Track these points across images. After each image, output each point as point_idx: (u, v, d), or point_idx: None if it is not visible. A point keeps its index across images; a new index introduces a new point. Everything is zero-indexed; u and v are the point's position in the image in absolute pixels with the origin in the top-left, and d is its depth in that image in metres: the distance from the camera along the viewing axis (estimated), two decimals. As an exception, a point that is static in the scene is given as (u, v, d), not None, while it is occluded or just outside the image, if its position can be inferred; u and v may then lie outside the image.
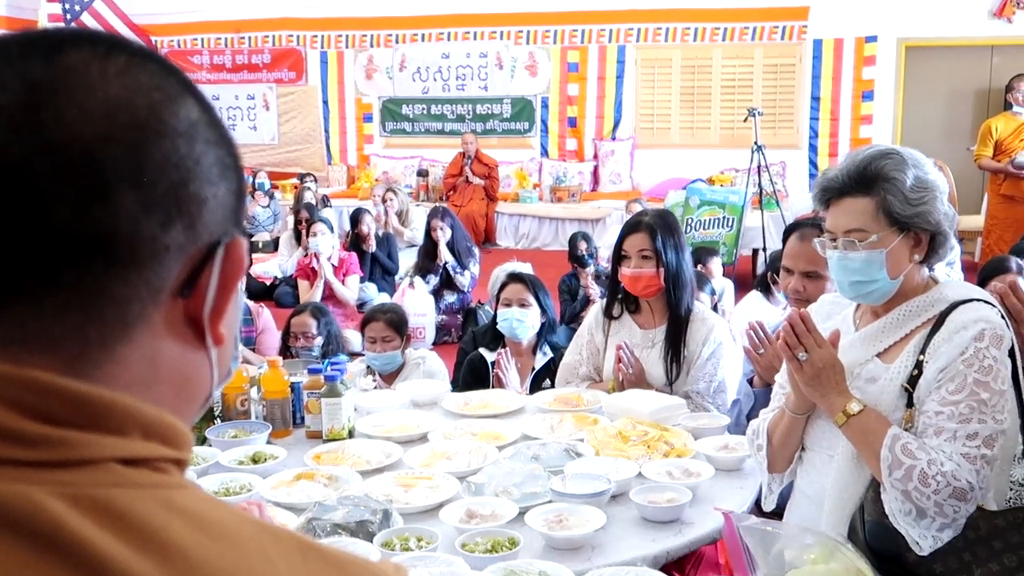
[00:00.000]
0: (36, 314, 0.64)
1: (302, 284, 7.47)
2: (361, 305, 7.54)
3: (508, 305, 3.99)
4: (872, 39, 10.87)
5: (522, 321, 3.95)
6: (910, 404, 2.01)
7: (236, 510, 0.68)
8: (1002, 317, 2.01)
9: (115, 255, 0.65)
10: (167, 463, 0.67)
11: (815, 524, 2.09)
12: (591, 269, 7.24)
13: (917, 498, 1.90)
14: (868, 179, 2.04)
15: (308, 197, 9.66)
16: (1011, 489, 2.09)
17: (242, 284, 0.75)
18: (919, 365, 2.00)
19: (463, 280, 7.40)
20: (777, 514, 2.34)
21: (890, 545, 1.94)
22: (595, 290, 6.55)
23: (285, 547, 0.66)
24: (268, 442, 2.99)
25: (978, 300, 2.03)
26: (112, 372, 0.67)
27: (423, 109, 12.28)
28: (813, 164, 11.18)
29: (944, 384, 1.96)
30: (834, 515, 2.05)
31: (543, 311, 4.03)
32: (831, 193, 2.10)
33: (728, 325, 3.82)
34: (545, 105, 11.93)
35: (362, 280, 7.77)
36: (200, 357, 0.73)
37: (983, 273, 4.59)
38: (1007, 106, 8.32)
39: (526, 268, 5.31)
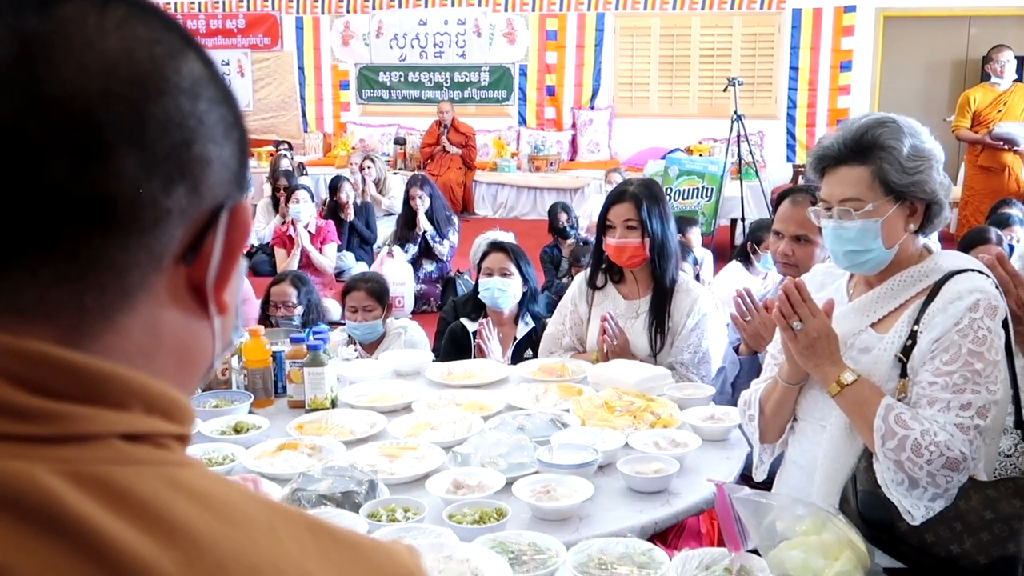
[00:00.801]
0: (32, 282, 0.61)
1: (279, 252, 7.40)
2: (339, 274, 7.49)
3: (490, 274, 3.96)
4: (851, 9, 10.85)
5: (504, 291, 3.93)
6: (904, 374, 2.00)
7: (243, 488, 0.65)
8: (996, 288, 2.00)
9: (114, 219, 0.61)
10: (169, 439, 0.64)
11: (806, 494, 2.09)
12: (570, 241, 7.23)
13: (910, 468, 1.90)
14: (864, 147, 2.02)
15: (285, 165, 9.56)
16: (998, 460, 2.10)
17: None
18: (913, 335, 2.00)
19: (442, 249, 7.36)
20: (767, 484, 2.33)
21: (882, 514, 1.94)
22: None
23: (295, 527, 0.63)
24: (250, 412, 2.96)
25: (973, 270, 2.02)
26: (112, 342, 0.63)
27: (400, 77, 12.16)
28: (791, 134, 11.19)
29: (938, 354, 1.96)
30: (826, 485, 2.05)
31: (525, 280, 4.00)
32: (827, 162, 2.08)
33: (712, 297, 3.81)
34: (523, 73, 11.85)
35: (340, 249, 7.71)
36: (203, 326, 0.70)
37: (963, 244, 4.62)
38: (985, 77, 8.33)
39: (508, 237, 5.27)
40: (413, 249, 7.29)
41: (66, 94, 0.60)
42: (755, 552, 1.93)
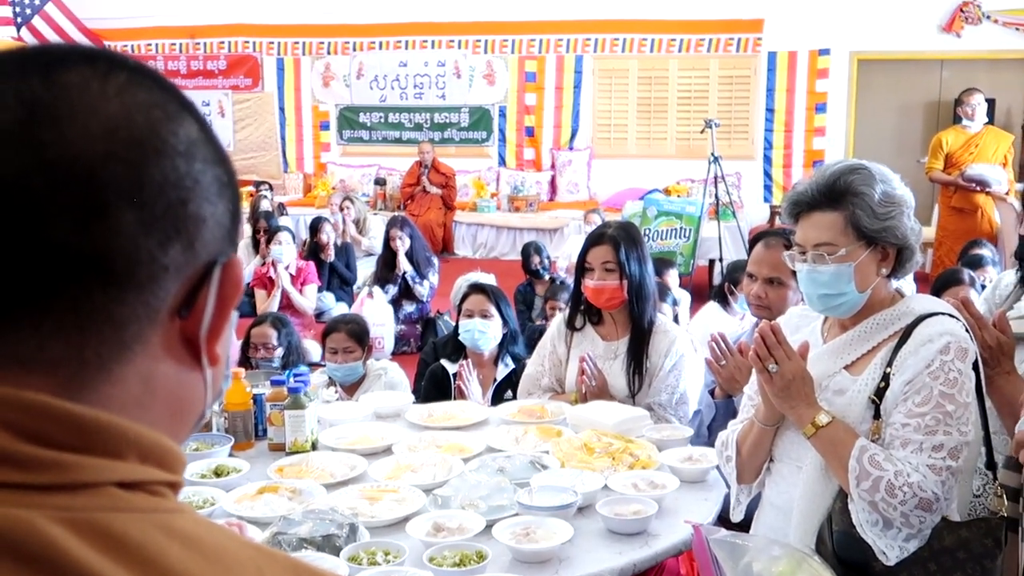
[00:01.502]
0: (33, 334, 0.63)
1: (259, 293, 7.40)
2: (319, 315, 7.49)
3: (470, 316, 3.99)
4: (825, 52, 11.03)
5: (484, 332, 3.95)
6: (877, 416, 2.04)
7: (231, 533, 0.68)
8: (966, 331, 2.04)
9: (114, 275, 0.64)
10: (163, 486, 0.67)
11: (783, 535, 2.11)
12: (544, 279, 7.25)
13: (884, 508, 1.93)
14: (837, 193, 2.06)
15: (265, 205, 9.58)
16: (970, 500, 2.14)
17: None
18: (886, 377, 2.03)
19: (422, 290, 7.39)
20: (745, 525, 2.36)
21: (857, 555, 1.97)
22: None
23: (280, 569, 0.66)
24: (230, 455, 2.96)
25: (943, 314, 2.07)
26: (109, 393, 0.66)
27: (380, 117, 12.25)
28: (768, 175, 11.32)
29: (911, 396, 1.99)
30: (802, 526, 2.07)
31: (505, 322, 4.03)
32: (801, 207, 2.13)
33: (689, 338, 3.85)
34: (503, 114, 11.96)
35: (320, 290, 7.72)
36: (195, 378, 0.72)
37: (936, 285, 4.68)
38: (957, 119, 8.48)
39: (489, 279, 5.31)
40: (393, 290, 7.31)
41: (69, 156, 0.63)
42: (733, 593, 1.95)
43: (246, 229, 9.08)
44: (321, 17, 11.95)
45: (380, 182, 11.52)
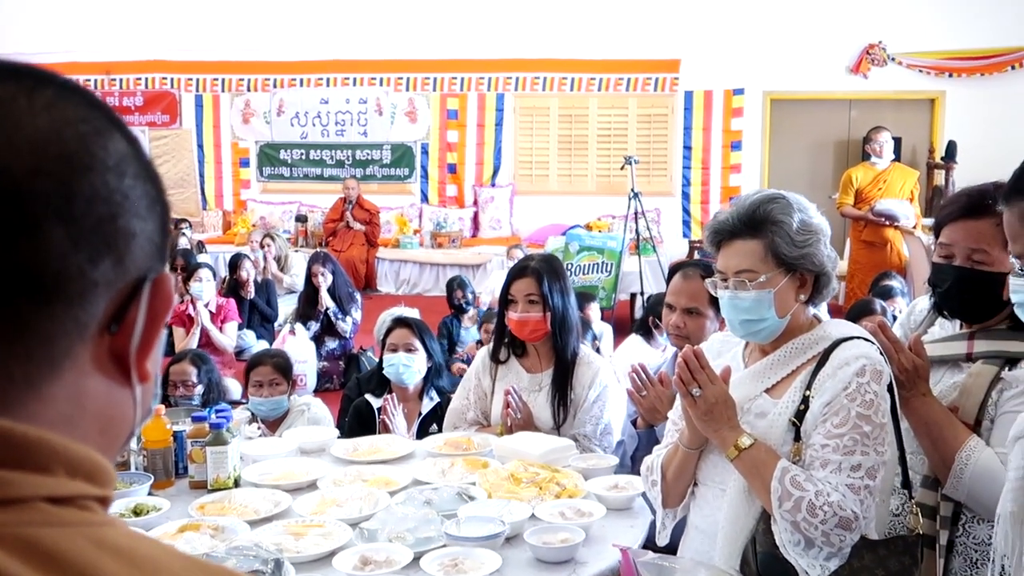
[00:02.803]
0: None
1: (178, 331, 7.26)
2: (239, 353, 7.38)
3: (394, 350, 3.97)
4: (739, 92, 11.33)
5: (408, 366, 3.94)
6: (798, 438, 2.08)
7: (165, 546, 0.67)
8: (880, 354, 2.11)
9: (42, 290, 0.64)
10: (92, 501, 0.66)
11: (708, 557, 2.14)
12: (471, 313, 7.26)
13: (806, 528, 1.97)
14: (757, 222, 2.12)
15: (183, 243, 9.44)
16: (888, 519, 2.19)
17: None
18: (805, 400, 2.08)
19: (345, 326, 7.33)
20: (670, 549, 2.38)
21: (781, 575, 2.00)
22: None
23: None
24: (149, 493, 2.89)
25: (859, 338, 2.13)
26: (36, 410, 0.65)
27: (301, 154, 12.18)
28: (686, 211, 11.53)
29: (829, 418, 2.04)
30: (727, 548, 2.10)
31: (429, 356, 4.02)
32: (722, 235, 2.18)
33: (614, 370, 3.89)
34: (425, 151, 11.99)
35: (240, 327, 7.61)
36: (125, 395, 0.72)
37: (850, 314, 4.82)
38: (865, 156, 8.76)
39: (413, 313, 5.29)
40: (315, 326, 7.24)
41: None
42: (660, 617, 1.97)
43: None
44: (241, 53, 11.87)
45: (301, 219, 11.44)
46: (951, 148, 10.14)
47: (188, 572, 0.65)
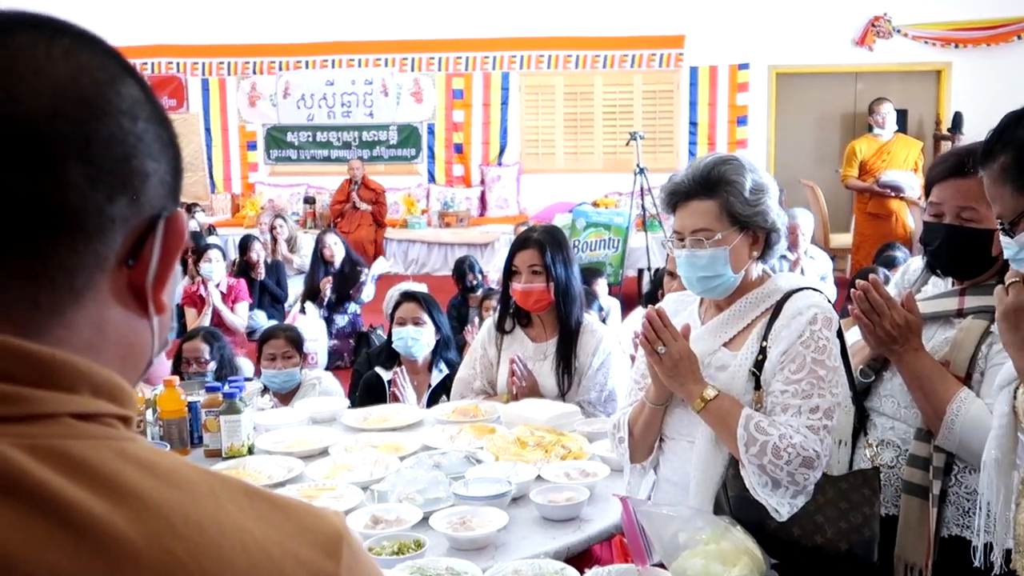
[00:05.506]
0: None
1: (189, 312, 7.34)
2: (250, 333, 7.46)
3: (403, 324, 4.04)
4: (745, 67, 11.32)
5: (417, 339, 4.00)
6: (758, 387, 2.19)
7: (184, 460, 0.73)
8: (829, 302, 2.24)
9: (64, 226, 0.70)
10: (115, 419, 0.72)
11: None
12: (480, 293, 7.32)
13: (772, 470, 2.08)
14: (711, 183, 2.22)
15: (193, 226, 9.51)
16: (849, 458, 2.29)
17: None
18: (763, 350, 2.19)
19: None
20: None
21: (753, 515, 2.11)
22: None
23: (233, 491, 0.71)
24: (165, 462, 2.96)
25: (808, 288, 2.26)
26: (62, 336, 0.71)
27: (308, 136, 12.23)
28: (693, 187, 11.53)
29: (787, 365, 2.15)
30: (700, 495, 2.20)
31: (437, 328, 4.09)
32: (678, 196, 2.28)
33: (618, 340, 3.95)
34: (431, 131, 12.03)
35: (251, 308, 7.68)
36: (143, 325, 0.78)
37: (853, 284, 4.85)
38: (869, 128, 8.77)
39: (421, 288, 5.36)
40: (327, 293, 7.40)
41: (19, 115, 0.69)
42: (661, 566, 2.04)
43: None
44: (246, 37, 11.91)
45: (309, 201, 11.49)
46: (957, 119, 10.14)
47: (207, 483, 0.71)
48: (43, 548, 0.62)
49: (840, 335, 2.21)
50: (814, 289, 2.27)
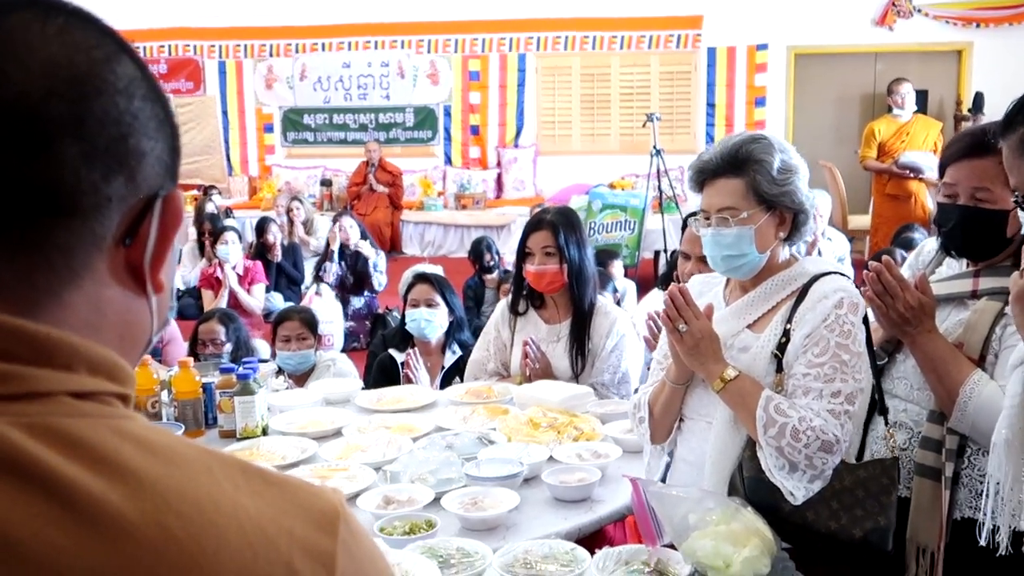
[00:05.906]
0: None
1: (206, 294, 7.38)
2: (267, 315, 7.49)
3: (416, 305, 4.04)
4: (763, 47, 11.24)
5: (430, 321, 4.01)
6: (780, 369, 2.17)
7: (181, 437, 0.74)
8: (856, 287, 2.21)
9: (60, 205, 0.70)
10: (113, 397, 0.72)
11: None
12: (496, 275, 7.33)
13: (790, 453, 2.06)
14: (739, 161, 2.20)
15: (210, 208, 9.54)
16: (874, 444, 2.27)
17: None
18: (787, 333, 2.17)
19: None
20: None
21: (768, 498, 2.09)
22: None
23: (229, 468, 0.72)
24: (180, 443, 2.98)
25: (835, 272, 2.23)
26: (60, 316, 0.71)
27: (325, 119, 12.24)
28: (710, 168, 11.47)
29: (810, 348, 2.13)
30: (715, 475, 2.19)
31: (451, 310, 4.09)
32: (706, 174, 2.26)
33: (633, 322, 3.94)
34: (448, 113, 12.01)
35: (268, 290, 7.72)
36: (141, 304, 0.78)
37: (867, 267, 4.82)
38: (888, 109, 8.69)
39: (436, 270, 5.36)
40: (334, 268, 7.45)
41: (13, 94, 0.68)
42: (671, 547, 2.04)
43: (191, 232, 9.05)
44: (262, 19, 11.91)
45: (326, 183, 11.52)
46: (978, 100, 10.04)
47: (204, 461, 0.71)
48: (41, 526, 0.62)
49: (866, 321, 2.18)
50: (841, 274, 2.24)
